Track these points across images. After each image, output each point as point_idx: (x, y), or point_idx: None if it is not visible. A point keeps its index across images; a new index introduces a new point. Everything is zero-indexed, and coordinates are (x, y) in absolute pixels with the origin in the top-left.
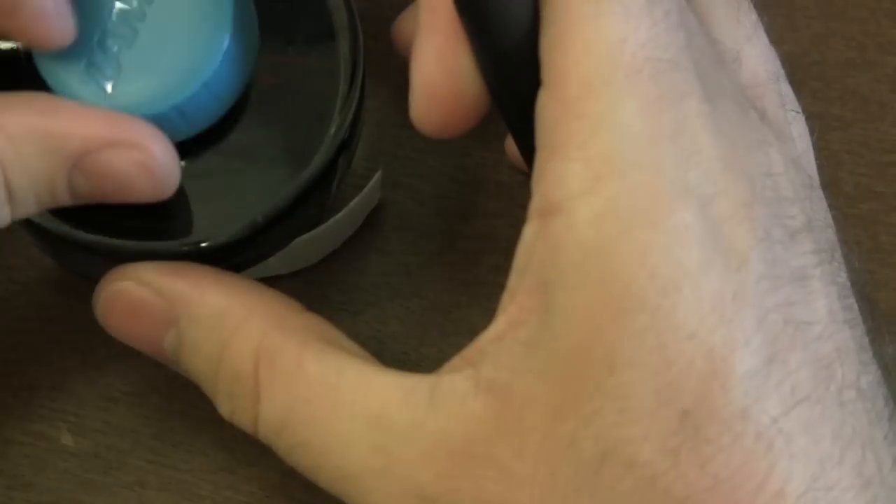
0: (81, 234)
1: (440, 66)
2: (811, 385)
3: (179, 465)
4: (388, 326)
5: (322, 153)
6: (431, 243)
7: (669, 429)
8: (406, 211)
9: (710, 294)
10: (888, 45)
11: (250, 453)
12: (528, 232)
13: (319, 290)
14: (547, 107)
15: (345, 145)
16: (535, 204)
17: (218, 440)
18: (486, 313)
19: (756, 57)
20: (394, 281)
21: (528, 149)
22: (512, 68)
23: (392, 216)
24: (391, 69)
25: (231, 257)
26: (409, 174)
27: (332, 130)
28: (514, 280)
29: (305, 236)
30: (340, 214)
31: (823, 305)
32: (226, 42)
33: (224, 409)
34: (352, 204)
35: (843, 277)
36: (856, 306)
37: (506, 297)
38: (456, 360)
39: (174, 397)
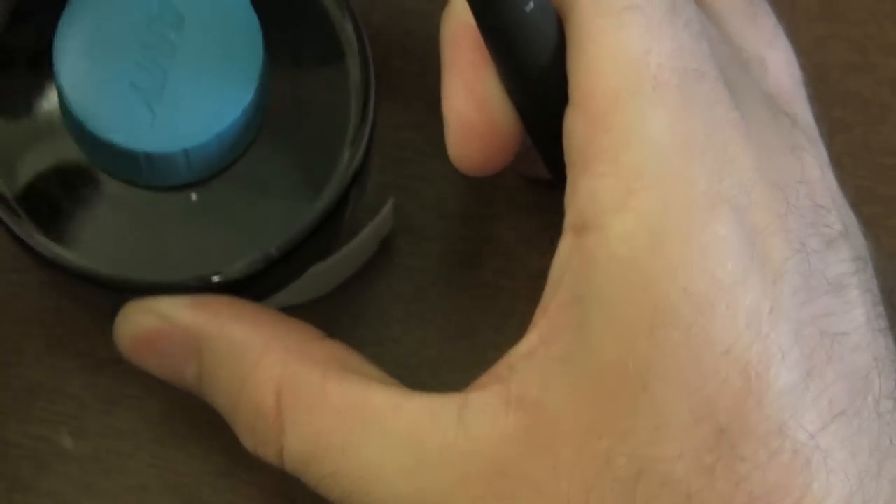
0: (95, 268)
1: (470, 98)
2: (849, 398)
3: (180, 469)
4: (390, 330)
5: (334, 184)
6: (433, 245)
7: (705, 446)
8: (406, 213)
9: (746, 309)
10: (889, 47)
11: (250, 457)
12: (563, 248)
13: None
14: (575, 123)
15: (357, 176)
16: (569, 220)
17: (219, 444)
18: (487, 316)
19: (779, 62)
20: (395, 284)
21: (558, 167)
22: (539, 88)
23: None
24: (392, 71)
25: (243, 290)
26: (410, 176)
27: (345, 161)
28: (547, 295)
29: (318, 266)
30: (353, 243)
31: (861, 314)
32: (257, 81)
33: (247, 442)
34: (364, 232)
35: (874, 284)
36: (885, 313)
37: (538, 313)
38: (484, 378)
39: (175, 400)
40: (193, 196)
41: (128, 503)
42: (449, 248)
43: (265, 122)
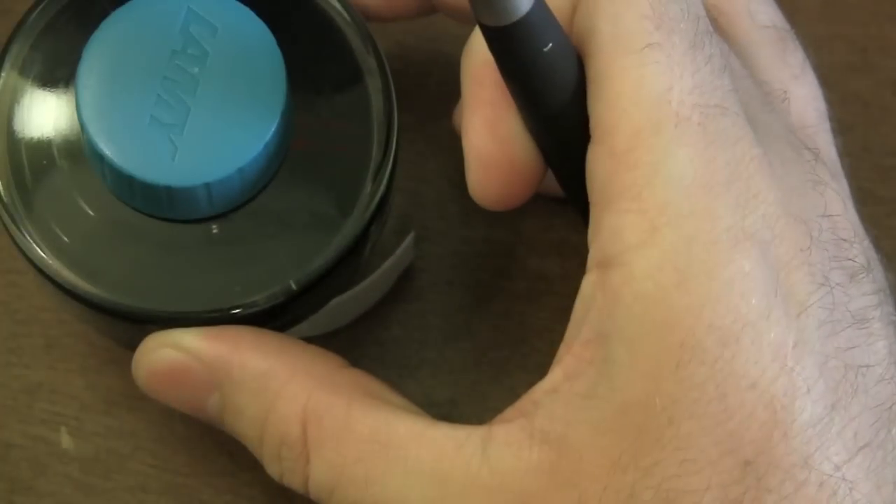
0: (115, 300)
1: (491, 135)
2: (874, 430)
3: (181, 469)
4: (390, 331)
5: (355, 219)
6: (433, 246)
7: (731, 479)
8: (407, 215)
9: (771, 343)
10: (890, 48)
11: (251, 457)
12: (587, 284)
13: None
14: (598, 161)
15: (378, 212)
16: (593, 256)
17: (219, 444)
18: (486, 317)
19: (804, 97)
20: (395, 284)
21: (581, 203)
22: (561, 126)
23: (393, 218)
24: (394, 73)
25: (263, 322)
26: (410, 177)
27: (366, 197)
28: (571, 331)
29: (338, 299)
30: (373, 276)
31: (884, 346)
32: (279, 116)
33: (272, 470)
34: (384, 266)
35: None
36: None
37: (562, 349)
38: (508, 412)
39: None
40: (214, 229)
41: (128, 503)
42: (449, 248)
43: (287, 156)
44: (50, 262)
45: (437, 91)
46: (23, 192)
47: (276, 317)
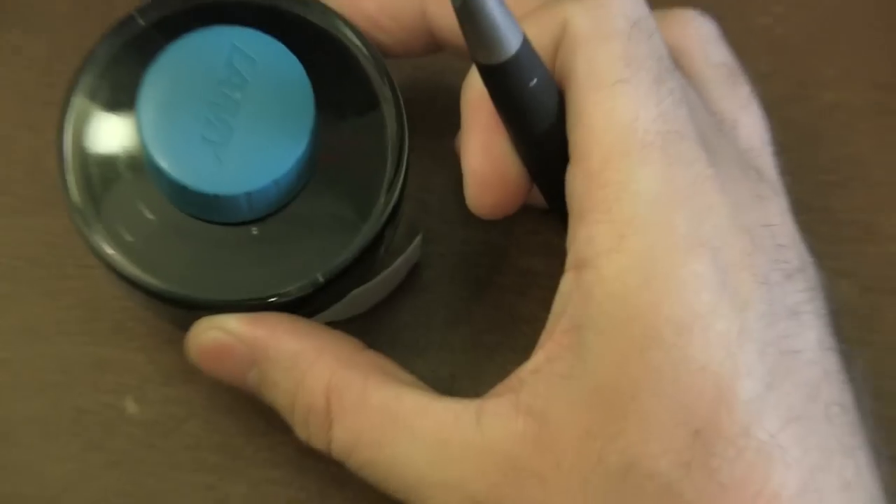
0: (170, 289)
1: (485, 156)
2: (803, 404)
3: (227, 430)
4: (401, 318)
5: (372, 224)
6: (436, 246)
7: (683, 445)
8: (415, 220)
9: (718, 333)
10: (822, 81)
11: (284, 422)
12: (565, 282)
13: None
14: (575, 179)
15: (391, 218)
16: (570, 259)
17: (258, 410)
18: (482, 306)
19: (750, 124)
20: (405, 280)
21: (561, 213)
22: (544, 149)
23: (403, 223)
24: (406, 101)
25: (294, 309)
26: (418, 188)
27: (381, 206)
28: (551, 321)
29: (357, 291)
30: (387, 271)
31: (813, 335)
32: (309, 135)
33: (301, 434)
34: (396, 263)
35: (825, 310)
36: (833, 334)
37: (544, 336)
38: (499, 388)
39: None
40: (254, 230)
41: (184, 459)
42: (450, 249)
43: (315, 170)
44: (117, 258)
45: (442, 116)
46: (93, 199)
47: (304, 305)
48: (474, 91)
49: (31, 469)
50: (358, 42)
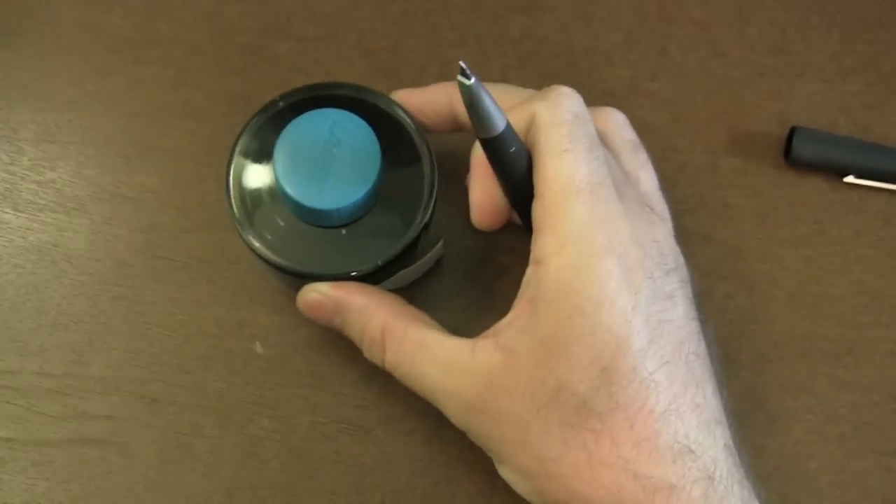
0: (290, 265)
1: (484, 192)
2: (672, 354)
3: (319, 362)
4: (429, 289)
5: (412, 231)
6: (452, 248)
7: (595, 376)
8: (439, 229)
9: (620, 308)
10: (671, 150)
11: (356, 352)
12: (528, 272)
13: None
14: (537, 209)
15: (425, 228)
16: (532, 258)
17: (339, 349)
18: (478, 284)
19: (647, 178)
20: (432, 267)
21: (528, 229)
22: (519, 190)
23: (432, 232)
24: (437, 157)
25: (364, 280)
26: (441, 213)
27: (419, 220)
28: (519, 296)
29: (402, 272)
30: (421, 261)
31: (682, 311)
32: (376, 175)
33: (367, 355)
34: (426, 257)
35: (691, 294)
36: (697, 308)
37: (514, 304)
38: (486, 333)
39: (318, 331)
40: (343, 232)
41: (290, 380)
42: (460, 249)
43: (379, 197)
44: (262, 249)
45: (458, 167)
46: (247, 214)
47: (370, 278)
48: (478, 152)
49: (198, 386)
50: (409, 121)
